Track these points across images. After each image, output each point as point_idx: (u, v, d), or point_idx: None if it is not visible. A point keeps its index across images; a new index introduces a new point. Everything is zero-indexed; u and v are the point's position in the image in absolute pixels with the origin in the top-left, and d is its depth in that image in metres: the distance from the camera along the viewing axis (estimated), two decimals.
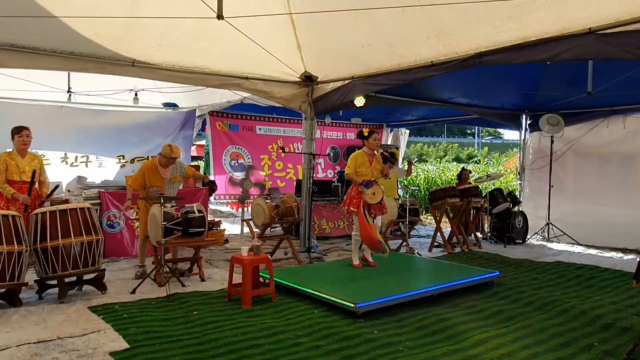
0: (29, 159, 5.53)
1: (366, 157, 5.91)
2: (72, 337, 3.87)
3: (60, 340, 3.78)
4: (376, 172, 5.93)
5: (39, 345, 3.67)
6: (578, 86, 7.66)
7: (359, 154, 5.94)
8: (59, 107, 8.43)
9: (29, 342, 3.73)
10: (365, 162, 5.88)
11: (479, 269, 6.02)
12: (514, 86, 8.41)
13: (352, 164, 5.88)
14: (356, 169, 5.84)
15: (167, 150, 5.73)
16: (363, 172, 5.84)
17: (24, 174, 5.43)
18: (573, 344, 3.88)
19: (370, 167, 5.88)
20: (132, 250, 7.13)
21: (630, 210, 8.22)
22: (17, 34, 5.12)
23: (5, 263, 4.51)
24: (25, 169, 5.45)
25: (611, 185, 8.64)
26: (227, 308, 4.71)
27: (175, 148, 5.77)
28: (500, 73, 7.46)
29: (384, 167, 6.01)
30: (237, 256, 4.98)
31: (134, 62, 5.90)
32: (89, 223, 5.02)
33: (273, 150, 10.34)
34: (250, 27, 5.52)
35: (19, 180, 5.41)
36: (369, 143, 5.93)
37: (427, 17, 5.10)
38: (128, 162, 9.06)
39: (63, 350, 3.59)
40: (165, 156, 5.74)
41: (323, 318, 4.40)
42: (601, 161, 8.85)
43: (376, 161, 5.96)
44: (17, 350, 3.58)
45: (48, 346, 3.66)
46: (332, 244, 8.43)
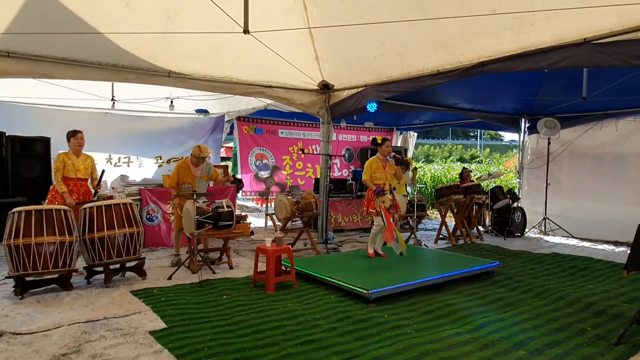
0: (83, 159, 5.65)
1: (380, 162, 5.87)
2: (116, 317, 3.94)
3: (106, 320, 3.85)
4: (390, 176, 5.90)
5: (88, 325, 3.74)
6: (574, 92, 7.52)
7: (373, 160, 5.89)
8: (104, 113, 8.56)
9: (79, 321, 3.81)
10: (380, 168, 5.84)
11: (481, 260, 5.95)
12: (513, 92, 8.29)
13: (368, 170, 5.84)
14: (372, 174, 5.80)
15: (196, 151, 5.81)
16: (378, 177, 5.80)
17: (79, 171, 5.56)
18: (567, 328, 3.82)
19: (384, 172, 5.84)
20: (168, 241, 7.21)
21: (622, 206, 8.09)
22: (67, 49, 5.21)
23: (58, 252, 4.60)
24: (80, 167, 5.57)
25: (604, 183, 8.47)
26: (252, 293, 4.74)
27: (204, 148, 5.85)
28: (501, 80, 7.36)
29: (397, 170, 5.96)
30: (261, 247, 5.01)
31: (169, 73, 5.96)
32: (130, 217, 5.09)
33: (294, 152, 10.36)
34: (273, 41, 5.54)
35: (75, 177, 5.54)
36: (382, 150, 5.89)
37: (434, 29, 5.05)
38: (165, 163, 9.17)
39: (108, 329, 3.65)
40: (195, 156, 5.82)
41: (339, 303, 4.40)
42: (595, 161, 8.68)
43: (389, 166, 5.91)
44: (68, 329, 3.66)
45: (95, 325, 3.73)
46: (347, 236, 8.42)
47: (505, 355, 3.27)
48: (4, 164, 7.26)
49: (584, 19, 4.17)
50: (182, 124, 9.46)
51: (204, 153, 5.81)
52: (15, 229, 4.48)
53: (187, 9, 5.12)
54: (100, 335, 3.52)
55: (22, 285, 4.53)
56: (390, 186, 5.89)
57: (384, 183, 5.81)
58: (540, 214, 9.00)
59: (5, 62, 4.96)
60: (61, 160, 5.50)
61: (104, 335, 3.53)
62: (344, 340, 3.49)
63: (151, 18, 5.11)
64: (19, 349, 3.27)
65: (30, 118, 7.91)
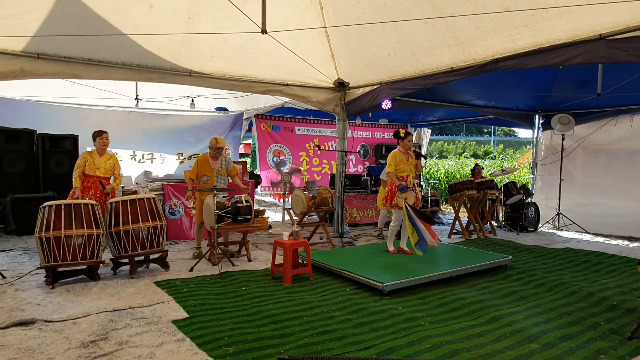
0: (105, 158, 5.72)
1: (403, 155, 5.84)
2: (141, 307, 4.01)
3: (131, 310, 3.92)
4: (412, 168, 5.88)
5: (114, 313, 3.82)
6: (588, 88, 7.36)
7: (397, 153, 5.84)
8: (129, 112, 8.69)
9: (105, 310, 3.89)
10: (403, 160, 5.80)
11: (494, 254, 5.89)
12: (527, 89, 8.16)
13: (392, 162, 5.79)
14: (396, 166, 5.77)
15: (212, 142, 5.89)
16: (402, 169, 5.77)
17: (98, 170, 5.62)
18: (580, 322, 3.76)
19: (407, 164, 5.82)
20: (189, 234, 7.30)
21: (636, 202, 7.91)
22: (93, 50, 5.30)
23: (86, 244, 4.69)
24: (100, 166, 5.63)
25: (618, 178, 8.29)
26: (270, 285, 4.78)
27: (220, 139, 5.92)
28: (515, 77, 7.25)
29: (417, 164, 5.94)
30: (279, 240, 5.04)
31: (190, 72, 6.01)
32: (154, 211, 5.16)
33: (310, 148, 10.37)
34: (290, 40, 5.55)
35: (93, 175, 5.61)
36: (404, 143, 5.84)
37: (448, 27, 5.00)
38: (186, 159, 9.28)
39: (134, 318, 3.73)
40: (212, 147, 5.89)
41: (354, 295, 4.41)
42: (609, 157, 8.49)
43: (411, 158, 5.88)
44: (96, 317, 3.74)
45: (121, 314, 3.81)
46: (362, 230, 8.41)
47: (517, 348, 3.24)
48: (36, 161, 7.44)
49: (599, 15, 4.08)
50: (203, 122, 9.55)
51: (220, 143, 5.88)
52: (46, 222, 4.59)
53: (207, 10, 5.16)
54: (125, 324, 3.59)
55: (53, 276, 4.63)
56: (412, 178, 5.86)
57: (408, 175, 5.78)
58: (553, 209, 8.85)
59: (35, 64, 5.07)
60: (83, 158, 5.62)
61: (129, 323, 3.60)
62: (358, 331, 3.50)
63: (173, 20, 5.16)
64: (50, 336, 3.36)
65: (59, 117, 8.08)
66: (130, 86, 7.91)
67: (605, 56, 4.22)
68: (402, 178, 5.76)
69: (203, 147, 9.22)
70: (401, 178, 5.76)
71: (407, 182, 5.76)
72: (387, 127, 11.59)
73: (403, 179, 5.75)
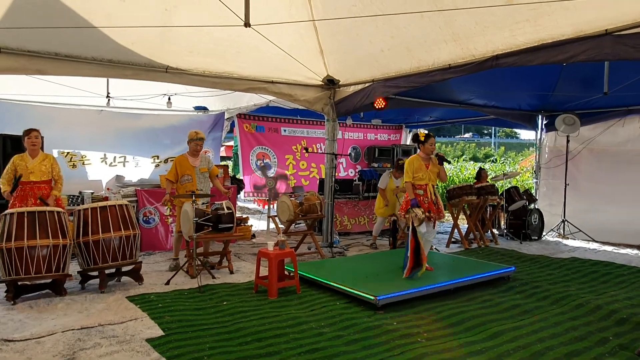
0: (39, 160, 5.44)
1: (422, 161, 5.56)
2: (112, 324, 3.96)
3: (101, 327, 3.88)
4: (433, 176, 5.58)
5: (82, 332, 3.77)
6: (594, 87, 7.47)
7: (415, 158, 5.56)
8: (99, 111, 8.61)
9: (73, 328, 3.84)
10: (422, 167, 5.52)
11: (495, 264, 5.94)
12: (530, 87, 8.26)
13: (409, 169, 5.49)
14: (414, 174, 5.51)
15: (192, 134, 5.93)
16: (420, 177, 5.51)
17: (32, 174, 5.35)
18: (588, 337, 3.80)
19: (427, 171, 5.53)
20: (166, 244, 7.25)
21: None
22: (61, 44, 5.25)
23: (52, 255, 4.63)
24: (34, 169, 5.37)
25: (627, 182, 8.39)
26: (254, 299, 4.76)
27: (199, 131, 5.98)
28: (517, 75, 7.33)
29: (440, 170, 5.65)
30: (263, 250, 5.02)
31: (167, 68, 5.99)
32: (126, 219, 5.12)
33: (297, 151, 10.38)
34: (275, 34, 5.55)
35: (28, 181, 5.33)
36: (425, 148, 5.53)
37: (445, 21, 5.05)
38: (162, 162, 9.21)
39: (104, 337, 3.68)
40: (192, 139, 5.92)
41: (345, 309, 4.41)
42: (617, 159, 8.61)
43: (432, 165, 5.59)
44: (62, 335, 3.69)
45: (90, 332, 3.76)
46: (353, 239, 8.42)
47: None
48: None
49: (605, 9, 4.16)
50: (180, 122, 9.50)
51: (200, 134, 5.96)
52: (7, 231, 4.52)
53: (186, 1, 5.15)
54: (95, 343, 3.55)
55: (15, 290, 4.56)
56: (433, 187, 5.59)
57: (427, 184, 5.51)
58: (558, 216, 8.95)
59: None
60: (12, 163, 5.31)
61: (98, 342, 3.56)
62: (350, 349, 3.49)
63: (148, 11, 5.13)
64: (11, 357, 3.30)
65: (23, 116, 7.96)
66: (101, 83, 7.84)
67: (612, 53, 4.29)
68: (420, 187, 5.51)
69: (181, 149, 9.15)
70: (419, 187, 5.51)
71: (425, 191, 5.50)
72: (381, 127, 11.66)
73: (421, 188, 5.51)
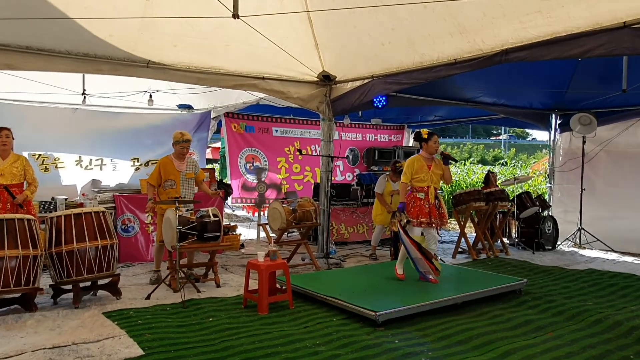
0: (10, 161, 5.43)
1: (424, 161, 5.61)
2: (86, 342, 3.93)
3: (75, 346, 3.85)
4: (435, 178, 5.62)
5: (54, 351, 3.74)
6: (612, 83, 7.52)
7: (416, 158, 5.63)
8: (74, 109, 8.59)
9: (44, 347, 3.80)
10: (424, 167, 5.57)
11: (506, 277, 5.94)
12: (542, 84, 8.30)
13: (408, 170, 5.55)
14: (413, 176, 5.56)
15: (177, 136, 5.88)
16: (421, 178, 5.55)
17: (2, 176, 5.34)
18: (607, 356, 3.80)
19: (429, 173, 5.57)
20: (146, 254, 7.22)
21: None
22: (32, 36, 5.24)
23: (21, 267, 4.60)
24: (4, 171, 5.36)
25: None
26: (243, 315, 4.74)
27: (185, 132, 5.94)
28: (528, 70, 7.38)
29: (445, 171, 5.70)
30: (253, 261, 5.01)
31: (148, 63, 5.99)
32: (103, 227, 5.10)
33: (290, 153, 10.38)
34: (266, 26, 5.57)
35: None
36: (428, 147, 5.60)
37: (450, 12, 5.08)
38: (142, 165, 9.18)
39: (78, 357, 3.65)
40: (178, 141, 5.87)
41: (342, 326, 4.40)
42: (637, 162, 8.65)
43: (435, 166, 5.64)
44: (32, 355, 3.66)
45: (63, 352, 3.73)
46: (351, 249, 8.42)
47: None
48: None
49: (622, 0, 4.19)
50: (163, 121, 9.49)
51: (186, 135, 5.90)
52: None
53: None
54: None
55: None
56: (435, 190, 5.64)
57: (429, 186, 5.56)
58: (574, 224, 8.97)
59: None
60: None
61: None
62: None
63: (128, 1, 5.14)
64: None
65: None
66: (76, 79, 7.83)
67: (631, 47, 4.33)
68: (421, 189, 5.55)
69: (163, 151, 9.12)
70: (420, 189, 5.56)
71: (427, 194, 5.55)
72: (381, 128, 11.69)
73: (422, 190, 5.55)
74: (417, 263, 5.37)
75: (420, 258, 5.30)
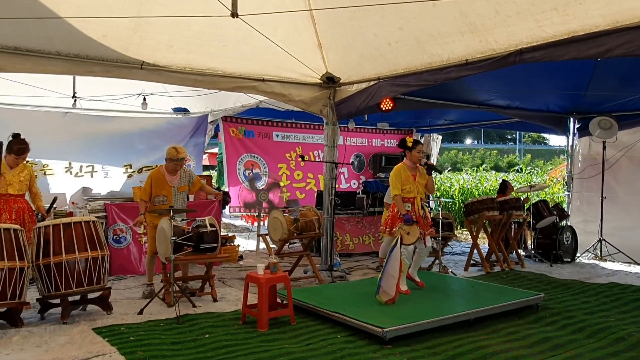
0: (19, 170, 5.62)
1: (409, 171, 5.75)
2: None
3: None
4: (421, 188, 5.77)
5: None
6: (633, 85, 7.53)
7: (401, 168, 5.76)
8: (64, 113, 8.63)
9: None
10: (409, 178, 5.70)
11: (522, 291, 5.93)
12: (559, 86, 8.31)
13: (397, 181, 5.67)
14: (401, 187, 5.67)
15: (172, 152, 5.83)
16: (408, 189, 5.68)
17: (11, 186, 5.52)
18: None
19: (414, 183, 5.71)
20: (139, 267, 7.22)
21: None
22: (20, 37, 5.28)
23: (6, 280, 4.61)
24: (13, 181, 5.54)
25: None
26: (241, 331, 4.73)
27: (180, 148, 5.90)
28: (544, 71, 7.37)
29: (429, 181, 5.84)
30: (252, 274, 5.01)
31: (142, 64, 6.02)
32: (94, 237, 5.11)
33: (291, 159, 10.39)
34: (266, 26, 5.60)
35: (5, 193, 5.50)
36: (412, 155, 5.75)
37: (460, 10, 5.09)
38: (135, 172, 9.22)
39: None
40: (172, 159, 5.83)
41: (347, 343, 4.39)
42: None
43: (419, 175, 5.79)
44: None
45: None
46: (356, 261, 8.41)
47: None
48: None
49: None
50: (157, 126, 9.53)
51: (181, 154, 5.84)
52: None
53: None
54: None
55: None
56: (422, 200, 5.78)
57: (415, 197, 5.71)
58: (594, 234, 8.94)
59: None
60: None
61: None
62: None
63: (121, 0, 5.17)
64: None
65: None
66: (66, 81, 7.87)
67: None
68: (408, 200, 5.71)
69: (158, 157, 9.18)
70: (406, 200, 5.71)
71: (413, 205, 5.67)
72: (388, 132, 11.69)
73: (409, 201, 5.70)
74: (385, 279, 5.20)
75: (394, 278, 5.18)
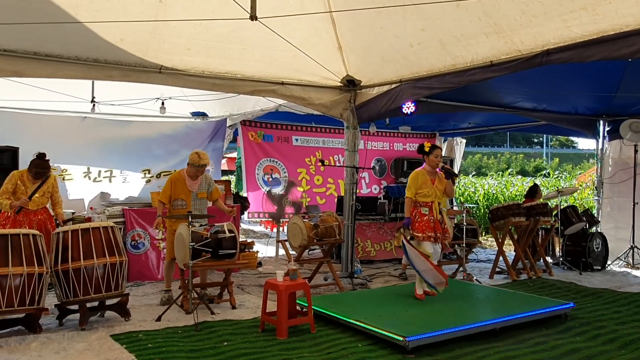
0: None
1: (427, 176, 5.88)
2: None
3: None
4: (439, 193, 5.89)
5: None
6: None
7: (420, 173, 5.89)
8: (82, 118, 8.76)
9: None
10: (427, 182, 5.83)
11: (550, 300, 5.85)
12: (588, 88, 8.21)
13: (412, 185, 5.83)
14: (417, 190, 5.81)
15: (194, 158, 5.88)
16: (425, 193, 5.80)
17: (32, 201, 5.67)
18: None
19: (432, 188, 5.84)
20: (157, 273, 7.28)
21: None
22: (40, 42, 5.38)
23: (25, 286, 4.67)
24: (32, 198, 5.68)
25: None
26: (260, 339, 4.74)
27: (203, 154, 5.95)
28: (572, 73, 7.29)
29: (447, 185, 5.96)
30: (271, 281, 5.02)
31: (160, 68, 6.09)
32: (112, 243, 5.16)
33: (311, 164, 10.39)
34: (286, 28, 5.62)
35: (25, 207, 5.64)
36: (429, 160, 5.89)
37: (485, 10, 5.06)
38: (154, 177, 9.30)
39: None
40: (193, 164, 5.89)
41: (368, 352, 4.37)
42: None
43: (438, 180, 5.92)
44: None
45: None
46: (378, 268, 8.37)
47: None
48: None
49: None
50: (175, 130, 9.62)
51: (203, 160, 5.89)
52: None
53: None
54: None
55: None
56: (439, 205, 5.90)
57: (432, 201, 5.82)
58: (626, 241, 8.83)
59: None
60: (13, 183, 5.61)
61: None
62: None
63: (140, 4, 5.24)
64: None
65: None
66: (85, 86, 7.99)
67: None
68: (426, 204, 5.81)
69: (176, 162, 9.26)
70: (424, 204, 5.81)
71: (431, 209, 5.80)
72: (410, 136, 11.65)
73: (427, 205, 5.81)
74: (426, 275, 5.49)
75: (431, 268, 5.43)
